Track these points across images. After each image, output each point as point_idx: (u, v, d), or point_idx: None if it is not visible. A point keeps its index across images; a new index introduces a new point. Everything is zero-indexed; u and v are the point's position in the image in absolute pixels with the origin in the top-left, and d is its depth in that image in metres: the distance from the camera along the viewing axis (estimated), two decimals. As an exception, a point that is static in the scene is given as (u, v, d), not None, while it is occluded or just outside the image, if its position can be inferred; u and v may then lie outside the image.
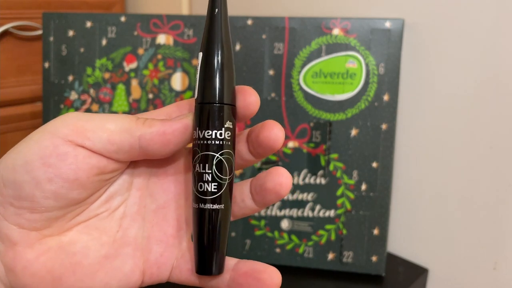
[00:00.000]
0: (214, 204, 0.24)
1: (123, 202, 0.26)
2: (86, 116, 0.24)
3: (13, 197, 0.23)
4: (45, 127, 0.23)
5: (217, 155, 0.24)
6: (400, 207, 0.54)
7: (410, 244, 0.54)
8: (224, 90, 0.24)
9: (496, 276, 0.47)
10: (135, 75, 0.52)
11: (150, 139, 0.24)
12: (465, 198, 0.49)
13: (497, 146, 0.46)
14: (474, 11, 0.46)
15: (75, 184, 0.23)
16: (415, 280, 0.50)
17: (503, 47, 0.44)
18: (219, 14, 0.25)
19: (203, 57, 0.25)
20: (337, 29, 0.48)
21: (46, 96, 0.53)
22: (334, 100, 0.49)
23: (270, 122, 0.25)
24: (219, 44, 0.24)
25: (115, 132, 0.23)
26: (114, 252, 0.26)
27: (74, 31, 0.52)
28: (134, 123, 0.24)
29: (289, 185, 0.25)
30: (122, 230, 0.26)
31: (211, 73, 0.24)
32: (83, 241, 0.25)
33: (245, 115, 0.25)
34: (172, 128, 0.24)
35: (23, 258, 0.24)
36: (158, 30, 0.51)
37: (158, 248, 0.26)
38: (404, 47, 0.50)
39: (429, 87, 0.50)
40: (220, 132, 0.24)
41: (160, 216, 0.27)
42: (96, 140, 0.23)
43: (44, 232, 0.24)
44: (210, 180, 0.24)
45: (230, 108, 0.25)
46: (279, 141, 0.25)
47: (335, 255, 0.50)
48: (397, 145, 0.53)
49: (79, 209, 0.25)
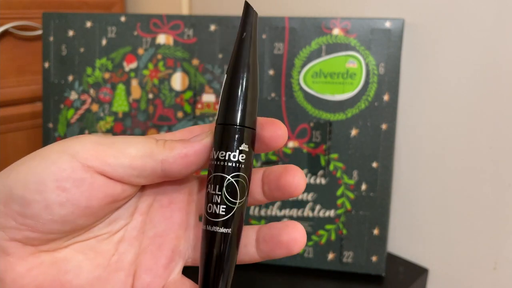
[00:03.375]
0: (221, 228, 0.24)
1: (124, 226, 0.26)
2: (106, 140, 0.23)
3: (18, 212, 0.22)
4: (64, 148, 0.23)
5: (229, 177, 0.24)
6: (400, 207, 0.54)
7: (410, 244, 0.54)
8: (244, 113, 0.24)
9: (496, 276, 0.47)
10: (135, 75, 0.52)
11: (173, 162, 0.23)
12: (465, 198, 0.49)
13: (497, 146, 0.46)
14: (474, 11, 0.46)
15: (85, 212, 0.23)
16: (415, 280, 0.50)
17: (503, 47, 0.44)
18: (248, 37, 0.24)
19: (227, 79, 0.24)
20: (337, 29, 0.48)
21: (46, 96, 0.53)
22: (334, 100, 0.49)
23: (293, 167, 0.24)
24: (245, 68, 0.24)
25: (137, 157, 0.23)
26: (106, 276, 0.25)
27: (74, 31, 0.52)
28: (155, 146, 0.23)
29: (303, 243, 0.25)
30: (118, 254, 0.26)
31: (232, 96, 0.24)
32: (77, 260, 0.24)
33: (269, 146, 0.25)
34: (194, 149, 0.24)
35: (14, 270, 0.23)
36: (158, 30, 0.51)
37: (146, 277, 0.26)
38: (404, 47, 0.50)
39: (429, 87, 0.50)
40: (234, 154, 0.24)
41: (156, 244, 0.26)
42: (117, 166, 0.23)
43: (39, 248, 0.24)
44: (219, 202, 0.24)
45: (248, 132, 0.24)
46: (301, 188, 0.24)
47: (335, 255, 0.50)
48: (397, 145, 0.53)
49: (81, 231, 0.24)
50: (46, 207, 0.22)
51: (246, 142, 0.24)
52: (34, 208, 0.22)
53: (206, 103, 0.51)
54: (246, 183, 0.24)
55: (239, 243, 0.25)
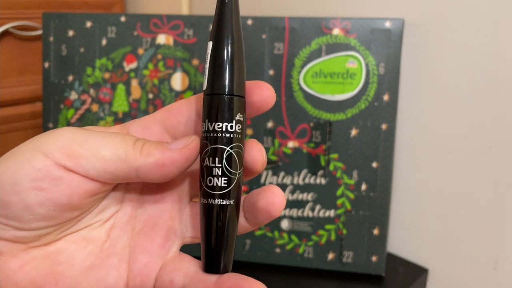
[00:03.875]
0: (223, 200, 0.23)
1: (115, 213, 0.26)
2: (80, 138, 0.22)
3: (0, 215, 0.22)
4: (37, 145, 0.22)
5: (228, 149, 0.23)
6: (400, 207, 0.54)
7: (410, 244, 0.54)
8: (235, 81, 0.23)
9: (496, 276, 0.47)
10: (135, 75, 0.52)
11: (148, 171, 0.22)
12: (465, 198, 0.49)
13: (497, 146, 0.46)
14: (474, 11, 0.46)
15: (67, 207, 0.22)
16: (415, 280, 0.50)
17: (503, 47, 0.44)
18: (230, 2, 0.24)
19: (213, 46, 0.23)
20: (337, 29, 0.48)
21: (46, 96, 0.53)
22: (334, 100, 0.49)
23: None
24: (230, 34, 0.23)
25: (110, 161, 0.22)
26: (99, 262, 0.25)
27: (74, 31, 0.52)
28: (131, 149, 0.22)
29: (282, 204, 0.24)
30: (110, 241, 0.25)
31: (222, 64, 0.23)
32: (70, 250, 0.24)
33: (260, 109, 0.24)
34: (172, 159, 0.22)
35: (6, 267, 0.23)
36: (158, 30, 0.51)
37: (143, 257, 0.25)
38: (404, 47, 0.50)
39: (429, 87, 0.50)
40: (231, 125, 0.23)
41: (149, 226, 0.26)
42: (89, 168, 0.22)
43: (30, 244, 0.23)
44: (220, 174, 0.23)
45: (241, 100, 0.24)
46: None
47: (335, 255, 0.50)
48: (397, 145, 0.53)
49: (70, 223, 0.24)
50: (25, 207, 0.21)
51: (240, 111, 0.23)
52: (13, 209, 0.21)
53: (206, 103, 0.51)
54: (242, 152, 0.24)
55: (239, 213, 0.24)
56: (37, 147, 0.22)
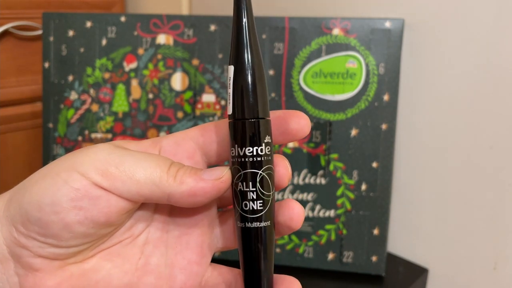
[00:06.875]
0: (260, 222, 0.24)
1: (146, 227, 0.26)
2: (115, 160, 0.23)
3: (38, 233, 0.22)
4: (72, 165, 0.22)
5: (260, 172, 0.24)
6: (400, 207, 0.54)
7: (410, 244, 0.54)
8: (260, 104, 0.23)
9: (496, 276, 0.47)
10: (135, 75, 0.52)
11: (180, 198, 0.23)
12: (465, 198, 0.49)
13: (497, 146, 0.46)
14: (474, 11, 0.46)
15: (105, 225, 0.23)
16: (415, 280, 0.50)
17: (503, 47, 0.44)
18: (247, 21, 0.24)
19: (236, 71, 0.23)
20: (337, 29, 0.48)
21: (46, 96, 0.53)
22: (334, 100, 0.49)
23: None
24: (251, 57, 0.23)
25: (144, 185, 0.22)
26: (136, 281, 0.25)
27: (74, 31, 0.52)
28: (165, 175, 0.23)
29: (301, 218, 0.25)
30: (144, 257, 0.25)
31: (246, 89, 0.23)
32: (106, 268, 0.24)
33: (296, 137, 0.25)
34: (204, 190, 0.23)
35: (44, 284, 0.23)
36: (158, 30, 0.51)
37: (182, 276, 0.25)
38: (404, 47, 0.50)
39: (429, 87, 0.50)
40: (260, 148, 0.23)
41: (183, 243, 0.26)
42: (124, 191, 0.22)
43: (67, 261, 0.24)
44: (255, 198, 0.24)
45: (267, 122, 0.24)
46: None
47: (335, 255, 0.50)
48: (397, 145, 0.53)
49: (103, 239, 0.24)
50: (64, 226, 0.22)
51: (267, 133, 0.24)
52: (52, 228, 0.22)
53: (206, 103, 0.51)
54: (273, 172, 0.24)
55: (275, 233, 0.25)
56: (72, 167, 0.22)
